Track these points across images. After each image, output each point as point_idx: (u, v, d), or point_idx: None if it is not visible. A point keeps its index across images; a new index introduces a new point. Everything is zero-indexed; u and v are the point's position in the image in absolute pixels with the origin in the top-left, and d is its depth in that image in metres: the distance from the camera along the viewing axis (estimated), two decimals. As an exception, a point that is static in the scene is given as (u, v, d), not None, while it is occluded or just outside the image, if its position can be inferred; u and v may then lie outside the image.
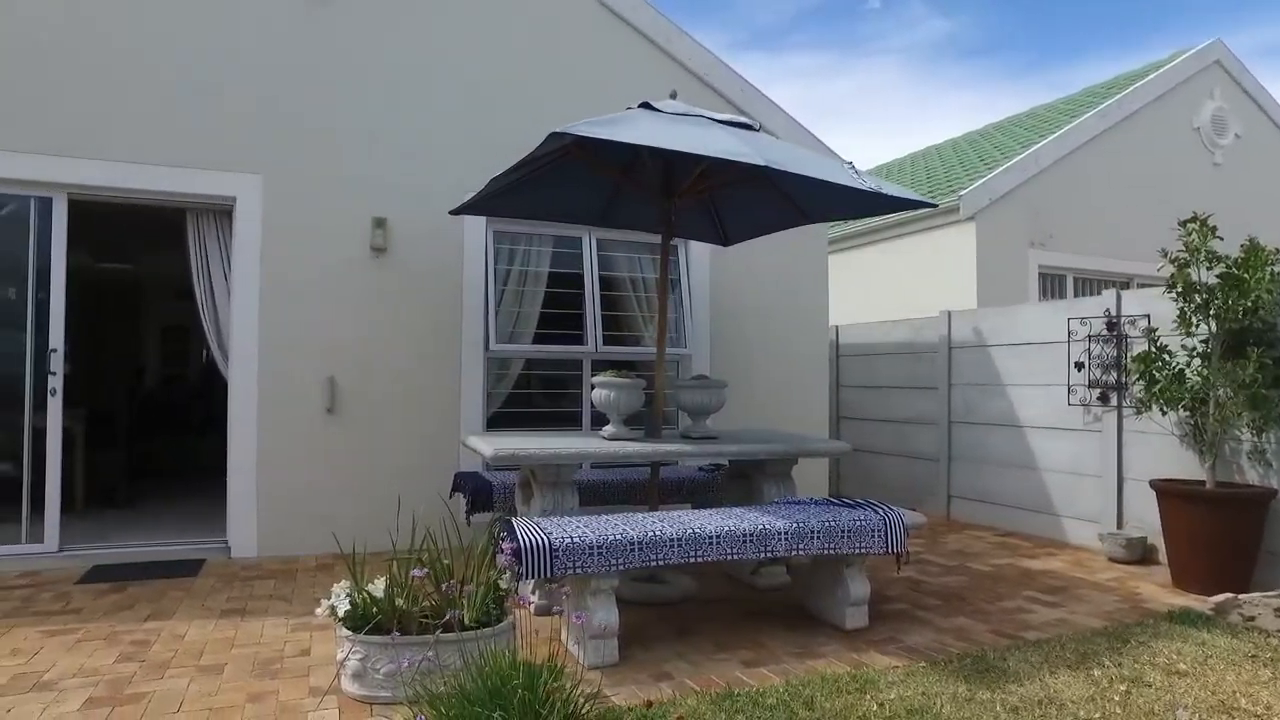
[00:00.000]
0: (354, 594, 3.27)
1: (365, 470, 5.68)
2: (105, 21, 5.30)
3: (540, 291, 6.19)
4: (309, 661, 3.64)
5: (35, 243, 5.30)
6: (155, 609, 4.36)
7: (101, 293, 10.17)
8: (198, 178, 5.45)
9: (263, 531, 5.48)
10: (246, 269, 5.53)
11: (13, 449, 5.29)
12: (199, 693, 3.30)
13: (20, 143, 5.13)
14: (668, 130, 3.79)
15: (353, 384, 5.69)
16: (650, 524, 3.76)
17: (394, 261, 5.79)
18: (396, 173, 5.82)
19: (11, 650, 3.75)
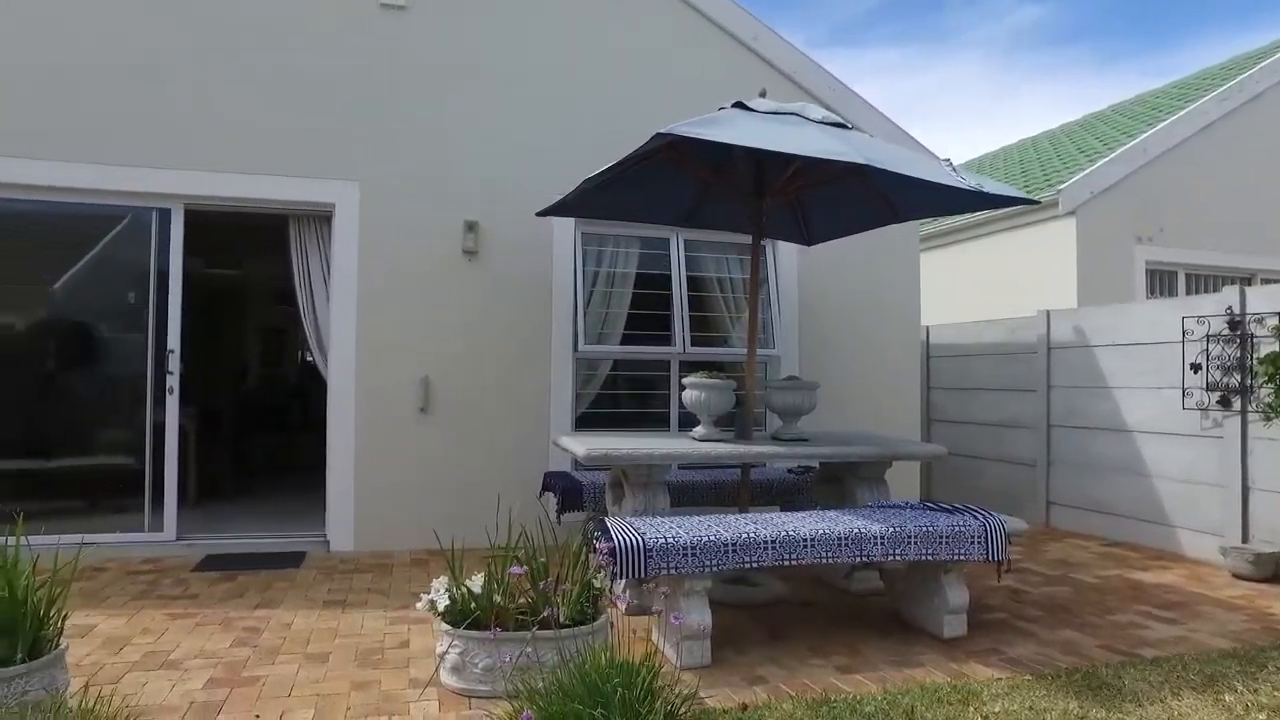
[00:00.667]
0: (453, 590, 3.34)
1: (457, 468, 5.82)
2: (215, 44, 5.59)
3: (628, 293, 6.23)
4: (408, 654, 3.75)
5: (156, 251, 5.63)
6: (263, 598, 4.56)
7: (209, 297, 10.72)
8: (299, 186, 5.69)
9: (359, 527, 5.68)
10: (345, 273, 5.74)
11: (136, 444, 5.63)
12: (307, 679, 3.43)
13: (143, 158, 5.46)
14: (766, 130, 3.76)
15: (445, 384, 5.84)
16: (743, 526, 3.73)
17: (485, 264, 5.92)
18: (487, 176, 5.94)
19: (142, 630, 3.99)
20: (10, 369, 5.56)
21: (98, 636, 3.88)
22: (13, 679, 2.77)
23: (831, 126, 4.20)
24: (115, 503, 5.61)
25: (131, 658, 3.64)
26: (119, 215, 5.65)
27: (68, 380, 5.88)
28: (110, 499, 5.63)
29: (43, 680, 2.87)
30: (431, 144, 5.89)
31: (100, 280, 5.86)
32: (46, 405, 5.78)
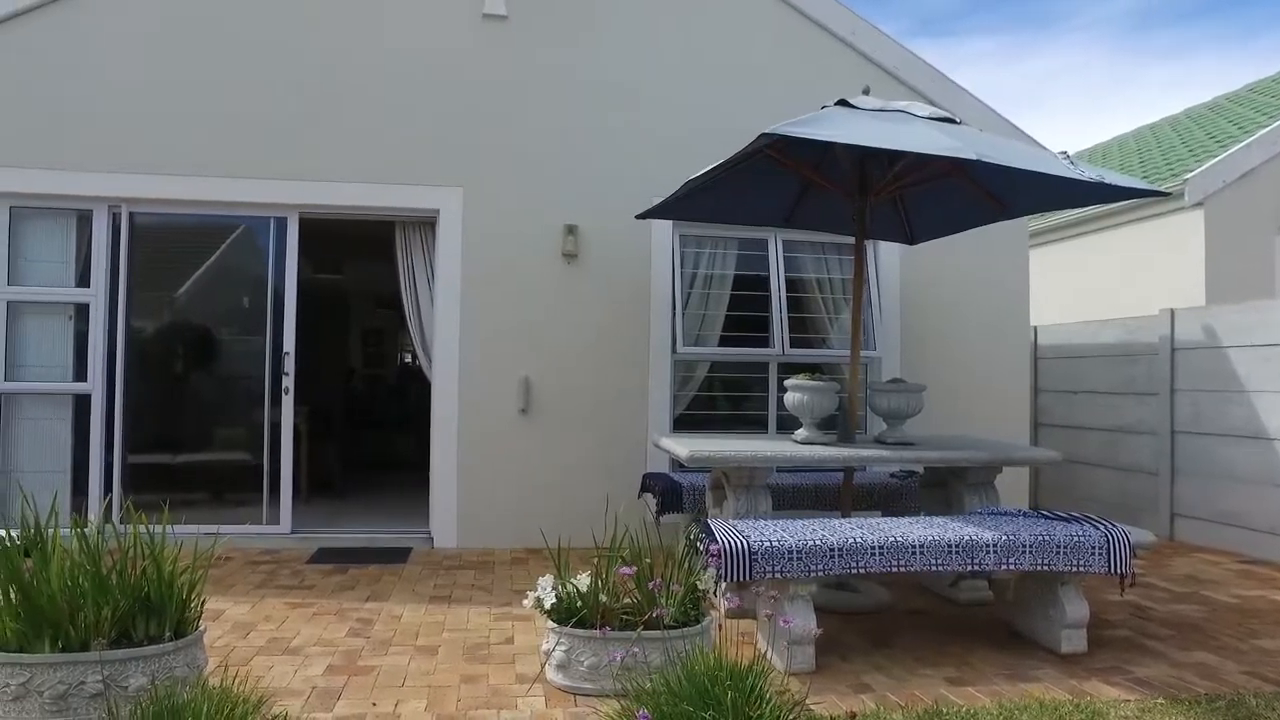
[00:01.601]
0: (559, 588, 3.39)
1: (555, 469, 5.91)
2: (326, 60, 5.86)
3: (725, 294, 6.21)
4: (513, 650, 3.82)
5: (273, 258, 5.93)
6: (373, 591, 4.74)
7: (316, 301, 11.22)
8: (405, 193, 5.90)
9: (462, 524, 5.83)
10: (448, 276, 5.91)
11: (255, 441, 5.94)
12: (418, 670, 3.54)
13: (263, 170, 5.77)
14: (873, 127, 3.69)
15: (545, 385, 5.95)
16: (849, 530, 3.65)
17: (584, 267, 6.00)
18: (586, 180, 6.03)
19: (265, 617, 4.21)
20: (144, 370, 5.95)
21: (227, 621, 4.10)
22: (162, 655, 2.96)
23: (941, 122, 4.08)
24: (235, 496, 5.94)
25: (257, 643, 3.84)
26: (240, 225, 6.00)
27: (194, 381, 6.27)
28: (231, 493, 5.96)
29: (186, 659, 3.06)
30: (532, 149, 6.01)
31: (222, 287, 6.22)
32: (175, 404, 6.18)
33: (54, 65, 5.68)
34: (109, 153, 5.69)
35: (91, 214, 5.80)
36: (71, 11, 5.68)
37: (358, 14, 5.90)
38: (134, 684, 2.91)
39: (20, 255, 5.80)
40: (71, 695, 2.88)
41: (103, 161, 5.69)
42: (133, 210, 5.82)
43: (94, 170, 5.68)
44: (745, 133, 4.18)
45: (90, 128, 5.69)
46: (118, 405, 5.78)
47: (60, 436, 5.83)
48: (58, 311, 5.83)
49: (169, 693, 2.59)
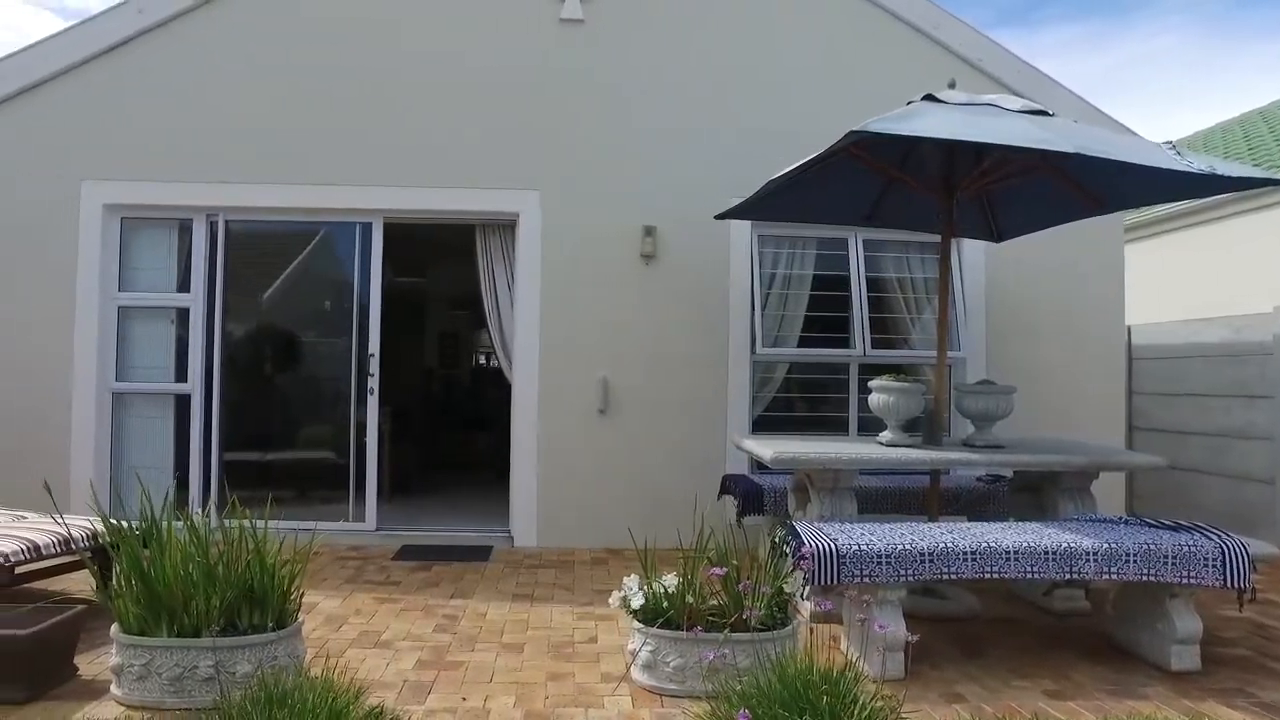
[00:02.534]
0: (646, 588, 3.39)
1: (634, 469, 5.93)
2: (408, 68, 6.02)
3: (805, 295, 6.14)
4: (597, 649, 3.84)
5: (359, 262, 6.11)
6: (457, 588, 4.82)
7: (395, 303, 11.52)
8: (486, 196, 6.01)
9: (542, 524, 5.90)
10: (528, 278, 6.00)
11: (341, 440, 6.12)
12: (505, 667, 3.59)
13: (348, 177, 5.95)
14: (963, 122, 3.60)
15: (624, 386, 5.98)
16: (939, 535, 3.56)
17: (662, 267, 6.01)
18: (664, 182, 6.03)
19: (355, 610, 4.33)
20: (237, 371, 6.20)
21: (320, 614, 4.24)
22: (266, 645, 3.08)
23: (1033, 115, 3.94)
24: (322, 494, 6.14)
25: (349, 635, 3.95)
26: (327, 230, 6.21)
27: (283, 381, 6.51)
28: (318, 490, 6.16)
29: (287, 648, 3.17)
30: (610, 152, 6.05)
31: (310, 290, 6.46)
32: (266, 404, 6.43)
33: (158, 87, 5.98)
34: (207, 164, 5.96)
35: (192, 222, 6.08)
36: (171, 39, 5.99)
37: (438, 24, 6.04)
38: (241, 670, 3.03)
39: (129, 263, 6.12)
40: (186, 678, 3.02)
41: (202, 172, 5.96)
42: (228, 218, 6.08)
43: (194, 181, 5.96)
44: (825, 131, 4.14)
45: (191, 142, 5.97)
46: (215, 405, 6.05)
47: (163, 434, 6.12)
48: (161, 316, 6.13)
49: (276, 680, 2.68)
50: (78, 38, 5.98)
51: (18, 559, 3.74)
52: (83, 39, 5.97)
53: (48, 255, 5.92)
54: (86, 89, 5.98)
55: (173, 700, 3.02)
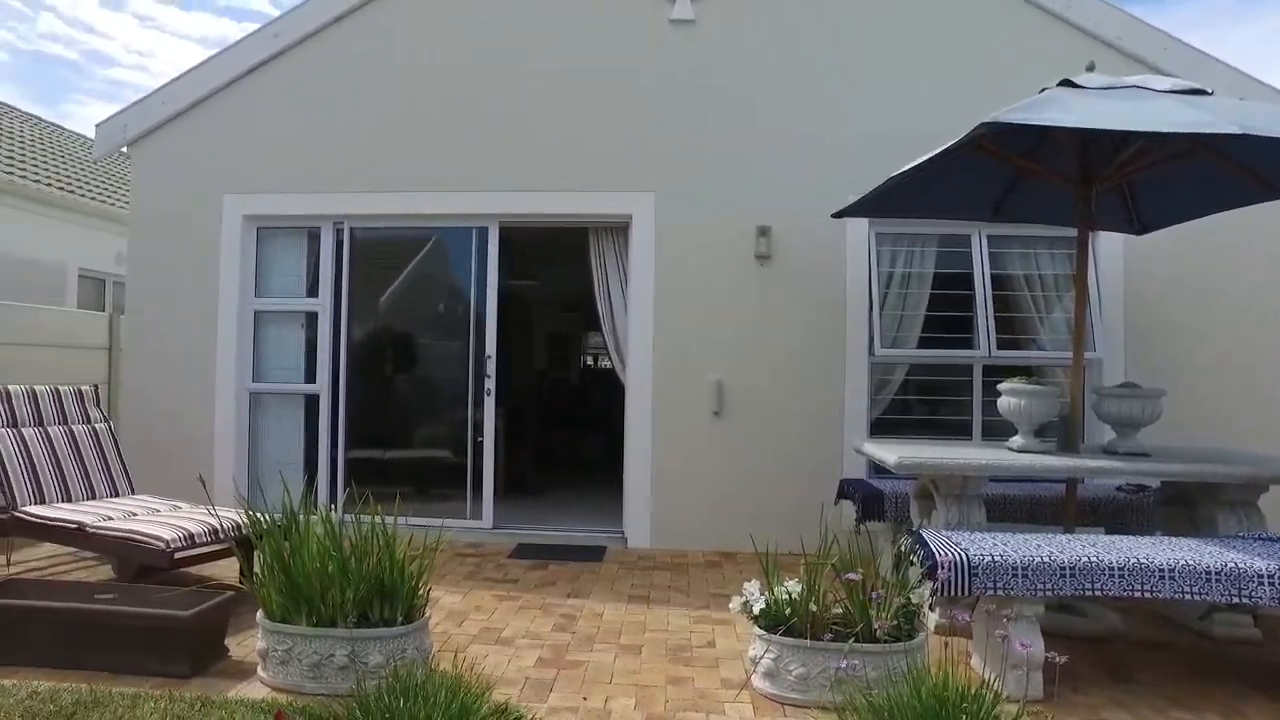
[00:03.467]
0: (767, 594, 3.32)
1: (749, 472, 5.85)
2: (517, 73, 6.14)
3: (925, 294, 5.91)
4: (715, 653, 3.79)
5: (475, 265, 6.28)
6: (573, 588, 4.87)
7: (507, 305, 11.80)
8: (599, 199, 6.06)
9: (655, 525, 5.90)
10: (641, 280, 6.01)
11: (458, 439, 6.30)
12: (624, 669, 3.59)
13: (465, 183, 6.13)
14: (1105, 108, 3.38)
15: (738, 387, 5.91)
16: (1081, 548, 3.34)
17: (777, 268, 5.91)
18: (778, 181, 5.93)
19: (476, 607, 4.43)
20: (361, 372, 6.47)
21: (443, 609, 4.35)
22: (395, 638, 3.18)
23: (1186, 95, 3.65)
24: (440, 491, 6.32)
25: (471, 631, 4.04)
26: (445, 235, 6.41)
27: (403, 382, 6.76)
28: (436, 488, 6.34)
29: (415, 642, 3.27)
30: (722, 152, 6.00)
31: (428, 294, 6.69)
32: (387, 404, 6.68)
33: (289, 105, 6.34)
34: (334, 175, 6.26)
35: (320, 230, 6.39)
36: (301, 61, 6.33)
37: (550, 30, 6.14)
38: (373, 661, 3.14)
39: (264, 271, 6.49)
40: (323, 665, 3.15)
41: (329, 183, 6.26)
42: (353, 226, 6.36)
43: (322, 191, 6.27)
44: (947, 125, 3.97)
45: (318, 154, 6.28)
46: (341, 405, 6.33)
47: (294, 432, 6.46)
48: (292, 320, 6.48)
49: (408, 672, 2.76)
50: (220, 64, 6.40)
51: (176, 546, 4.02)
52: (224, 65, 6.39)
53: (196, 265, 6.35)
54: (228, 110, 6.39)
55: (312, 685, 3.16)
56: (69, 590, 3.90)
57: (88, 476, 5.08)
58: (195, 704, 3.03)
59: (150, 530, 4.12)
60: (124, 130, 6.46)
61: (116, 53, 35.26)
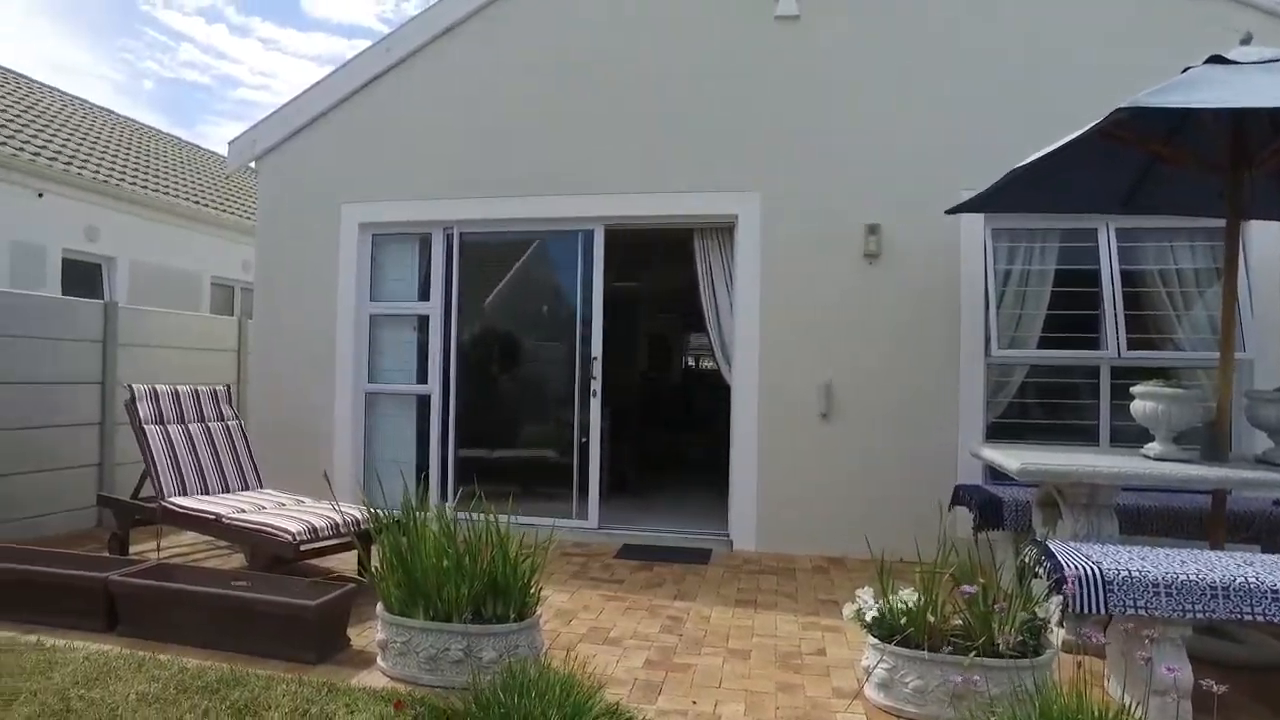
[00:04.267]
0: (882, 602, 3.22)
1: (858, 476, 5.69)
2: (619, 75, 6.18)
3: (1046, 291, 5.59)
4: (826, 661, 3.70)
5: (581, 268, 6.35)
6: (679, 590, 4.85)
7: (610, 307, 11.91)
8: (703, 200, 6.03)
9: (761, 529, 5.81)
10: (747, 281, 5.94)
11: (564, 440, 6.39)
12: (733, 673, 3.55)
13: (571, 186, 6.21)
14: (1260, 84, 3.09)
15: (847, 390, 5.76)
16: (1235, 566, 3.08)
17: (888, 267, 5.74)
18: (888, 178, 5.76)
19: (583, 606, 4.47)
20: (470, 373, 6.65)
21: (551, 607, 4.40)
22: (509, 634, 3.24)
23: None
24: (546, 491, 6.41)
25: (579, 630, 4.08)
26: (551, 238, 6.51)
27: (510, 383, 6.90)
28: (542, 487, 6.44)
29: (527, 639, 3.32)
30: (830, 150, 5.87)
31: (534, 296, 6.82)
32: (494, 404, 6.84)
33: (401, 115, 6.59)
34: (443, 182, 6.46)
35: (431, 236, 6.61)
36: (411, 73, 6.57)
37: (651, 29, 6.15)
38: (486, 656, 3.21)
39: (379, 276, 6.76)
40: (440, 658, 3.24)
41: (438, 190, 6.47)
42: (462, 231, 6.55)
43: (432, 198, 6.48)
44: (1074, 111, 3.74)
45: (429, 163, 6.50)
46: (451, 405, 6.52)
47: (406, 431, 6.70)
48: (405, 323, 6.72)
49: (522, 669, 2.80)
50: (337, 80, 6.71)
51: (301, 539, 4.23)
52: (341, 81, 6.69)
53: (316, 271, 6.68)
54: (344, 123, 6.69)
55: (428, 677, 3.25)
56: (209, 576, 4.15)
57: (222, 471, 5.41)
58: (322, 689, 3.17)
59: (278, 523, 4.35)
60: (253, 145, 6.86)
61: (243, 75, 37.93)
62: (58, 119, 11.28)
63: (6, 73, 12.18)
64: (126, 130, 13.29)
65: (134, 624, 3.78)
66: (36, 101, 11.56)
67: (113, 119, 13.57)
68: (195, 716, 2.93)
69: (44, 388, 5.88)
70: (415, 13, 6.56)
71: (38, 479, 5.82)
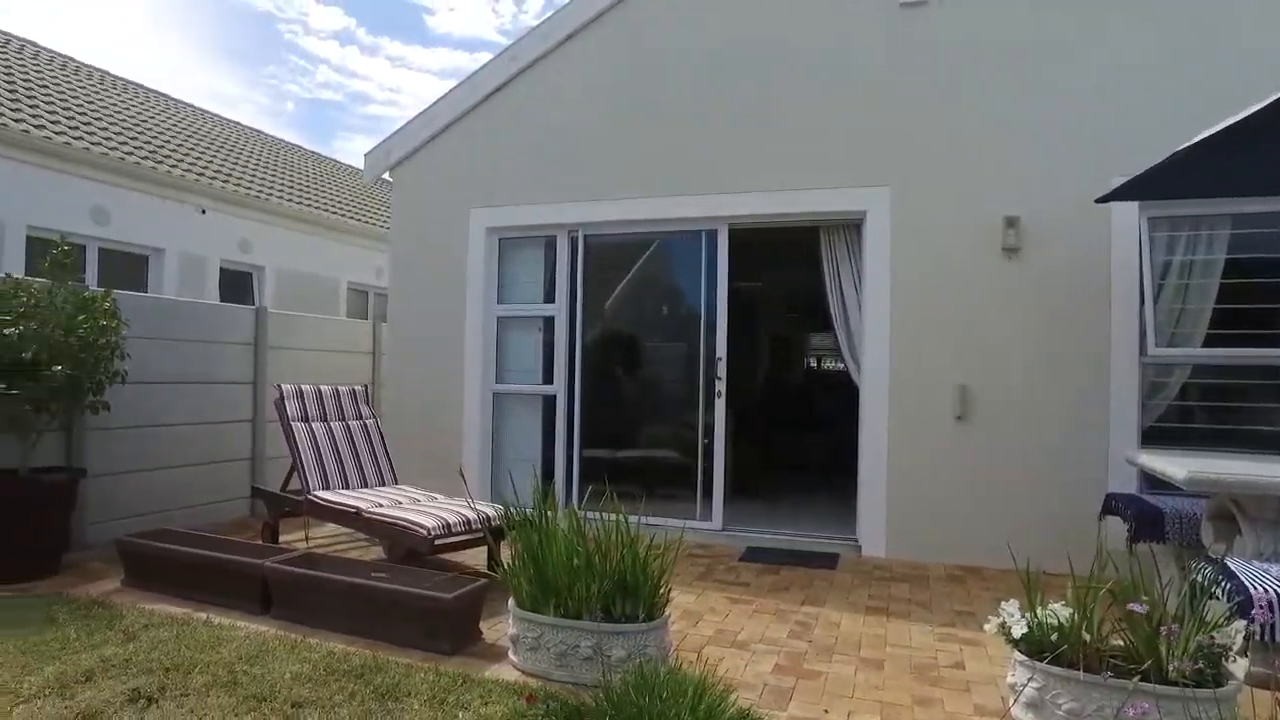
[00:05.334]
0: (1030, 616, 3.01)
1: (997, 482, 5.39)
2: (742, 71, 6.07)
3: (1213, 284, 5.11)
4: (965, 676, 3.51)
5: (705, 268, 6.30)
6: (807, 595, 4.73)
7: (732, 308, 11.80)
8: (830, 196, 5.86)
9: (891, 534, 5.60)
10: (876, 278, 5.74)
11: (687, 441, 6.36)
12: (866, 684, 3.41)
13: (694, 187, 6.18)
14: None
15: (984, 391, 5.47)
16: None
17: (1028, 261, 5.40)
18: (1028, 168, 5.42)
19: (709, 608, 4.43)
20: (593, 374, 6.71)
21: (677, 608, 4.36)
22: (638, 634, 3.23)
23: None
24: (669, 492, 6.38)
25: (705, 632, 4.03)
26: (673, 238, 6.49)
27: (633, 383, 6.93)
28: (664, 488, 6.42)
29: (656, 639, 3.30)
30: (964, 140, 5.58)
31: (657, 297, 6.82)
32: (618, 405, 6.88)
33: (525, 121, 6.73)
34: (567, 185, 6.57)
35: (555, 239, 6.73)
36: (535, 80, 6.71)
37: (768, 24, 6.03)
38: (616, 655, 3.21)
39: (505, 279, 6.95)
40: (570, 655, 3.27)
41: (563, 193, 6.58)
42: (586, 233, 6.63)
43: (556, 202, 6.59)
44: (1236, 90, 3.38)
45: (553, 166, 6.62)
46: (576, 405, 6.61)
47: (532, 431, 6.85)
48: (530, 325, 6.87)
49: (653, 669, 2.79)
50: (467, 88, 6.93)
51: (436, 534, 4.38)
52: (470, 90, 6.92)
53: (446, 275, 6.93)
54: (473, 131, 6.91)
55: (559, 673, 3.29)
56: (351, 566, 4.36)
57: (361, 466, 5.68)
58: (458, 679, 3.26)
59: (415, 518, 4.52)
60: (387, 156, 7.19)
61: (373, 91, 40.23)
62: (216, 141, 12.23)
63: (174, 102, 13.32)
64: (272, 148, 14.26)
65: (285, 607, 4.02)
66: (200, 128, 12.57)
67: (261, 138, 14.60)
68: (344, 697, 3.08)
69: (208, 387, 6.36)
70: (533, 24, 6.72)
71: (202, 470, 6.30)
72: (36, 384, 4.50)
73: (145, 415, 5.79)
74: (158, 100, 12.74)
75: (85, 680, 3.19)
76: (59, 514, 4.81)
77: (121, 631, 3.71)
